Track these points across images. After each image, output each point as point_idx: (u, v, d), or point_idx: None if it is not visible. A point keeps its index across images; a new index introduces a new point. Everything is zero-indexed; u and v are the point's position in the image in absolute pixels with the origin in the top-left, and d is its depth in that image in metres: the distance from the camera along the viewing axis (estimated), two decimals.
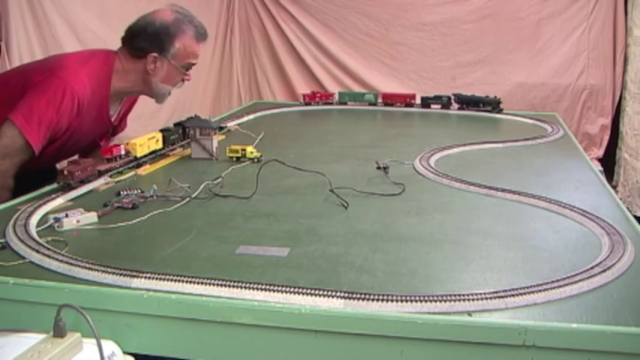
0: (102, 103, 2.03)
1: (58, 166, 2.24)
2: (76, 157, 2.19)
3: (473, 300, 1.08)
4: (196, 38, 2.08)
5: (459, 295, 1.09)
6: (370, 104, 3.38)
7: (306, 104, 3.48)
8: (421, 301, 1.07)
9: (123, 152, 1.95)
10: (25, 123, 1.80)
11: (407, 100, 3.33)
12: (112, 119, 2.16)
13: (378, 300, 1.07)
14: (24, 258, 1.27)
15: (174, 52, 2.04)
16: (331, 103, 3.46)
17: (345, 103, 3.43)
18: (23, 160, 1.84)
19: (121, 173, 1.93)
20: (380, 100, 3.42)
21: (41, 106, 1.82)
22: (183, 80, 2.13)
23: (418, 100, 3.34)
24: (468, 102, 3.21)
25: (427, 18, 4.26)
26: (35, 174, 1.96)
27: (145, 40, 2.02)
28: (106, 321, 1.11)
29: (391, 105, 3.35)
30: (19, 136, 1.81)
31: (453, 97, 3.25)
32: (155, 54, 2.02)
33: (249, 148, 2.17)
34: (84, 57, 2.04)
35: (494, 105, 3.14)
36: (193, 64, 2.12)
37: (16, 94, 1.86)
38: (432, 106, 3.28)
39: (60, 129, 1.89)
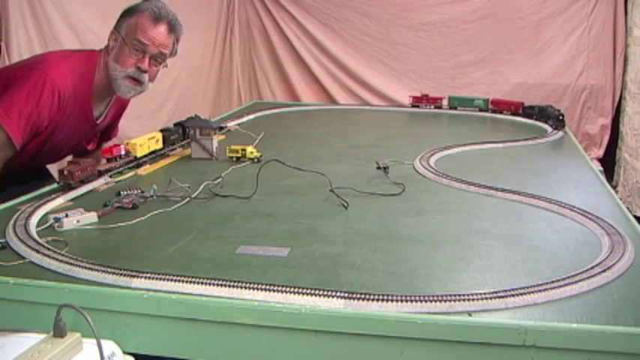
0: (85, 99, 1.98)
1: (53, 167, 2.23)
2: (70, 157, 2.18)
3: (473, 300, 1.08)
4: (152, 19, 1.97)
5: (459, 295, 1.09)
6: (480, 110, 3.28)
7: (413, 106, 3.45)
8: (421, 301, 1.07)
9: (123, 152, 1.95)
10: (4, 115, 1.76)
11: (511, 108, 3.19)
12: (98, 121, 2.10)
13: (378, 300, 1.07)
14: (24, 258, 1.27)
15: (126, 27, 1.97)
16: (440, 107, 3.40)
17: (455, 108, 3.36)
18: (7, 157, 1.81)
19: (121, 173, 1.93)
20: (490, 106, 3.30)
21: (21, 99, 1.79)
22: (139, 69, 1.97)
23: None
24: (548, 115, 2.98)
25: (427, 18, 4.25)
26: (22, 175, 1.95)
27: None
28: (106, 321, 1.11)
29: (500, 112, 3.21)
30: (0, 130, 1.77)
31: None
32: (113, 30, 1.99)
33: (249, 148, 2.17)
34: (67, 53, 2.02)
35: (553, 119, 2.90)
36: (146, 45, 1.96)
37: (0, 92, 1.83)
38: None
39: (41, 122, 1.85)
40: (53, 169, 2.20)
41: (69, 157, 2.19)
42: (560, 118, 2.82)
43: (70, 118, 1.95)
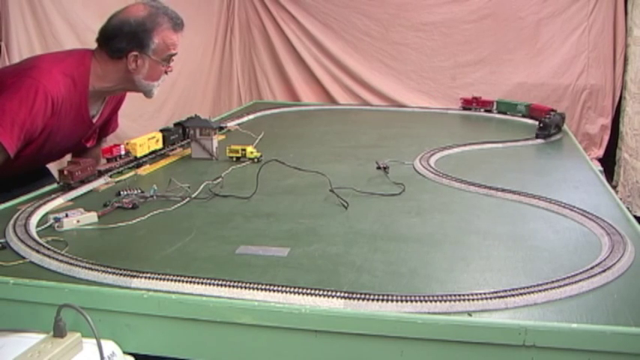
0: (80, 102, 1.97)
1: (53, 166, 2.23)
2: (68, 157, 2.17)
3: (473, 300, 1.08)
4: (173, 29, 2.00)
5: (459, 295, 1.09)
6: (523, 116, 3.16)
7: (464, 109, 3.39)
8: (421, 301, 1.07)
9: (123, 152, 1.95)
10: None
11: (542, 115, 2.99)
12: (94, 119, 2.08)
13: (378, 300, 1.07)
14: (24, 258, 1.27)
15: (155, 48, 1.96)
16: (490, 111, 3.31)
17: (505, 113, 3.25)
18: (0, 163, 1.79)
19: (121, 173, 1.93)
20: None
21: (13, 107, 1.77)
22: (165, 72, 2.05)
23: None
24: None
25: (427, 18, 4.25)
26: (24, 176, 1.94)
27: (123, 40, 1.95)
28: (106, 321, 1.11)
29: (537, 119, 3.00)
30: None
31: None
32: (135, 52, 1.95)
33: (249, 148, 2.17)
34: (58, 57, 2.00)
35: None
36: (174, 55, 2.03)
37: None
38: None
39: (35, 130, 1.83)
40: (53, 168, 2.20)
41: (69, 156, 2.19)
42: (541, 125, 2.62)
43: (66, 122, 1.94)
